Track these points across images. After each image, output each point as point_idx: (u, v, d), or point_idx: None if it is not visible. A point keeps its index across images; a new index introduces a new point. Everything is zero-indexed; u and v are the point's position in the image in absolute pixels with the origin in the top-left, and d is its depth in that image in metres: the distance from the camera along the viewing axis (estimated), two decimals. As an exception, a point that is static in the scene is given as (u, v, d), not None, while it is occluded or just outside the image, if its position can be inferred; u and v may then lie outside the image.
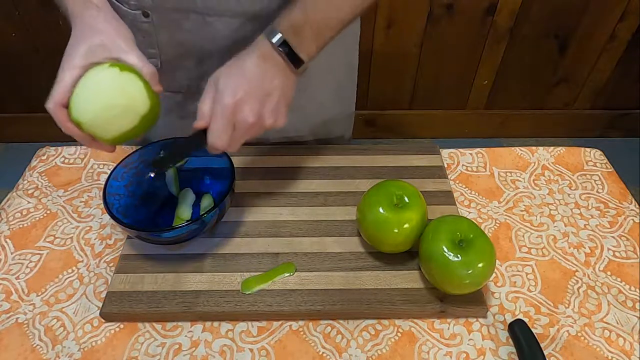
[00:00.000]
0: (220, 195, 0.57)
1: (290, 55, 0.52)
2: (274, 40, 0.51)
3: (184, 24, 0.60)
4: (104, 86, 0.49)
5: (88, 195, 0.69)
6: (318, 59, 0.53)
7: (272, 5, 0.59)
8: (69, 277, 0.59)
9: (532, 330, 0.52)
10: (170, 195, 0.64)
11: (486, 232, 0.64)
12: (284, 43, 0.51)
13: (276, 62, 0.52)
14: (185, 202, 0.64)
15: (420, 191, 0.58)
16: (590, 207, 0.68)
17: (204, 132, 0.51)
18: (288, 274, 0.58)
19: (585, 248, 0.63)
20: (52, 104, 0.49)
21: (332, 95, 0.76)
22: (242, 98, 0.50)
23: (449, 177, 0.71)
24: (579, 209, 0.67)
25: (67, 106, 0.49)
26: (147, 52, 0.65)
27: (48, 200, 0.68)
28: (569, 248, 0.63)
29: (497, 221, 0.66)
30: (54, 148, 0.75)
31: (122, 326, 0.55)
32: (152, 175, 0.64)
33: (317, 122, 0.78)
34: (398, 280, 0.57)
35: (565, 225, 0.65)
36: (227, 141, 0.51)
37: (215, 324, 0.55)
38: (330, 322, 0.55)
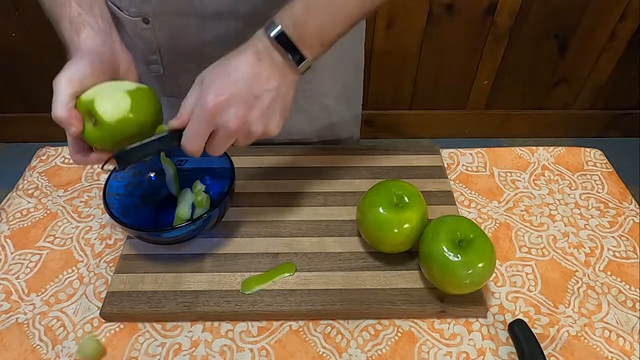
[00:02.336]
0: (220, 196, 0.57)
1: (291, 51, 0.47)
2: (273, 34, 0.46)
3: (184, 28, 0.60)
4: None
5: (88, 195, 0.69)
6: (323, 59, 0.51)
7: (272, 5, 0.59)
8: (69, 277, 0.59)
9: (532, 330, 0.52)
10: (170, 195, 0.64)
11: (486, 232, 0.63)
12: (284, 38, 0.46)
13: (273, 61, 0.47)
14: (185, 202, 0.63)
15: (420, 191, 0.58)
16: (590, 207, 0.68)
17: (180, 132, 0.47)
18: (288, 274, 0.58)
19: (585, 248, 0.63)
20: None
21: (338, 97, 0.75)
22: (226, 100, 0.45)
23: (449, 177, 0.71)
24: (579, 209, 0.67)
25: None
26: (149, 59, 0.65)
27: (48, 200, 0.68)
28: (569, 248, 0.63)
29: (497, 221, 0.66)
30: (54, 148, 0.75)
31: (122, 326, 0.55)
32: (152, 175, 0.64)
33: (324, 124, 0.77)
34: (398, 280, 0.57)
35: (565, 225, 0.65)
36: (199, 145, 0.46)
37: (215, 324, 0.55)
38: (330, 322, 0.55)
